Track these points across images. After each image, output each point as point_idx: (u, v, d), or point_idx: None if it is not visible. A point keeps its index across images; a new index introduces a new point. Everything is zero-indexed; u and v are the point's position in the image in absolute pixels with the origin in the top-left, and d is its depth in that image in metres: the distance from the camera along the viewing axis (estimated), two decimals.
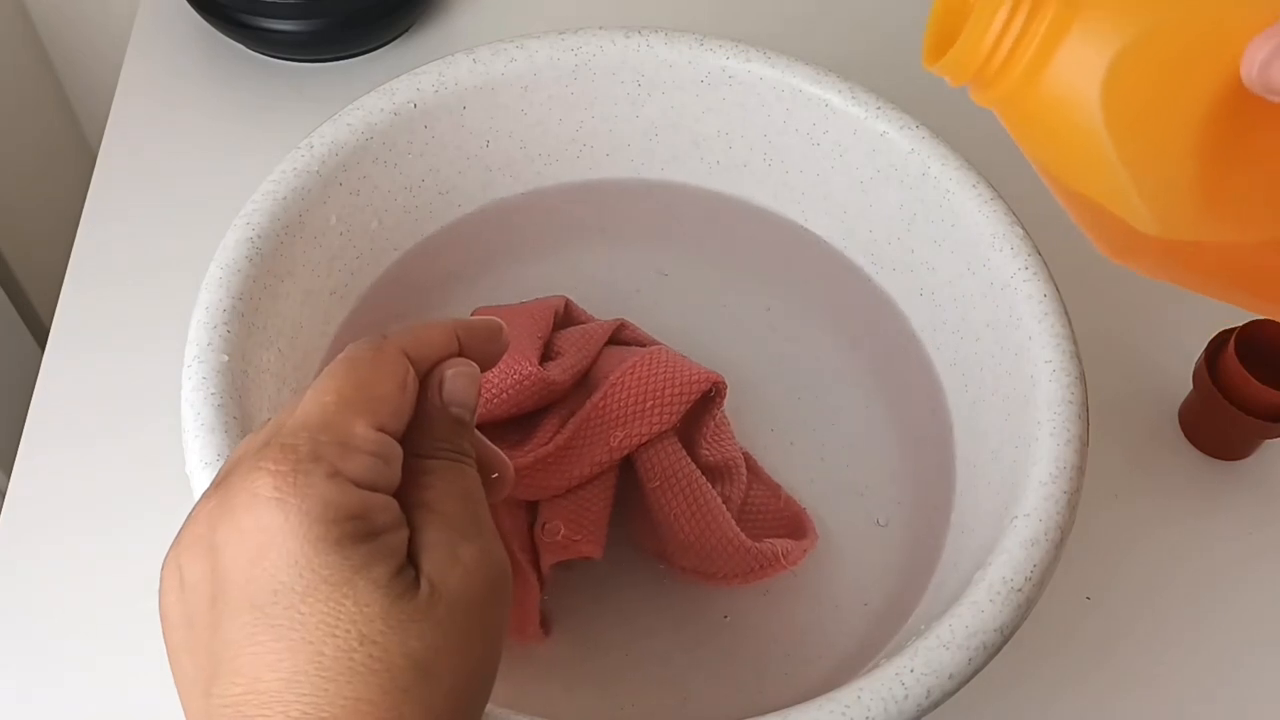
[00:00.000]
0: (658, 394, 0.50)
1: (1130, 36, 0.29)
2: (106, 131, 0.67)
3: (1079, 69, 0.29)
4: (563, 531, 0.48)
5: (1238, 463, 0.58)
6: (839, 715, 0.39)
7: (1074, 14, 0.29)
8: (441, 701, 0.31)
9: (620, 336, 0.54)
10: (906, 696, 0.40)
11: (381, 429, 0.33)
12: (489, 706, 0.36)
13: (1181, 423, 0.59)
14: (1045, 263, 0.50)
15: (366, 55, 0.70)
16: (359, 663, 0.30)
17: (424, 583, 0.31)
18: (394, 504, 0.32)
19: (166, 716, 0.35)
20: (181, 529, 0.33)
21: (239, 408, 0.44)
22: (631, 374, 0.50)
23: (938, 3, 0.33)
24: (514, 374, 0.49)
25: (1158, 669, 0.53)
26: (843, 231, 0.58)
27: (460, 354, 0.36)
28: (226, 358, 0.45)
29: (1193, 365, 0.57)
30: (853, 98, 0.54)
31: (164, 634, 0.33)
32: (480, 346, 0.37)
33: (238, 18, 0.66)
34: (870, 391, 0.56)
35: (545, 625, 0.48)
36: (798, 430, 0.54)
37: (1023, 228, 0.51)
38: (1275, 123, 0.29)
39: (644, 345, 0.53)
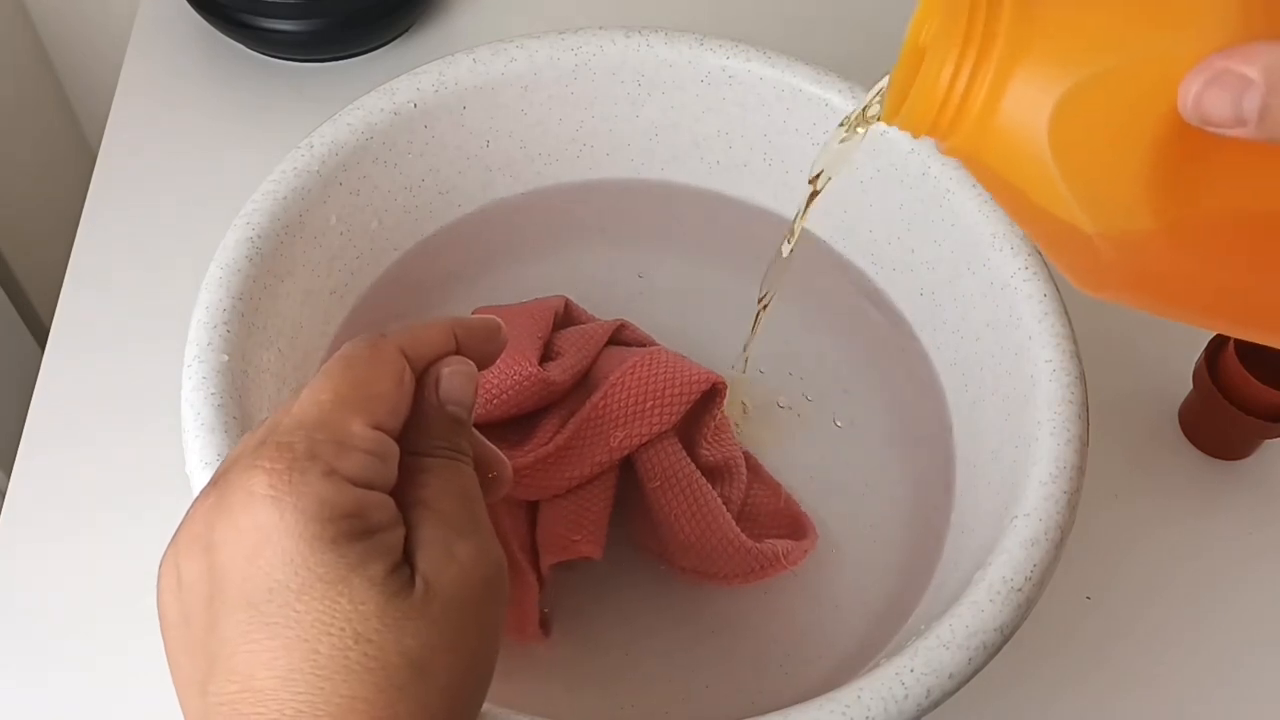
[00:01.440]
0: (658, 394, 0.50)
1: (1073, 80, 0.30)
2: (106, 131, 0.67)
3: (1026, 115, 0.30)
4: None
5: (1238, 463, 0.58)
6: (839, 715, 0.39)
7: (1016, 64, 0.30)
8: (437, 699, 0.31)
9: (620, 337, 0.54)
10: (906, 696, 0.40)
11: (378, 427, 0.33)
12: (488, 706, 0.36)
13: (1181, 423, 0.59)
14: (1045, 262, 0.50)
15: (366, 55, 0.70)
16: (354, 661, 0.30)
17: (419, 580, 0.31)
18: (390, 502, 0.32)
19: (165, 715, 0.35)
20: (179, 528, 0.33)
21: (239, 408, 0.44)
22: (631, 374, 0.50)
23: (899, 62, 0.34)
24: (514, 374, 0.49)
25: (1158, 669, 0.53)
26: (843, 231, 0.58)
27: (458, 353, 0.36)
28: (226, 358, 0.45)
29: (1193, 365, 0.57)
30: (853, 98, 0.54)
31: (162, 632, 0.33)
32: (478, 345, 0.37)
33: (238, 18, 0.66)
34: (870, 391, 0.56)
35: (545, 625, 0.48)
36: (797, 430, 0.54)
37: None
38: (1221, 153, 0.30)
39: (644, 345, 0.53)
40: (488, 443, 0.40)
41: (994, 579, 0.42)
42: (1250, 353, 0.55)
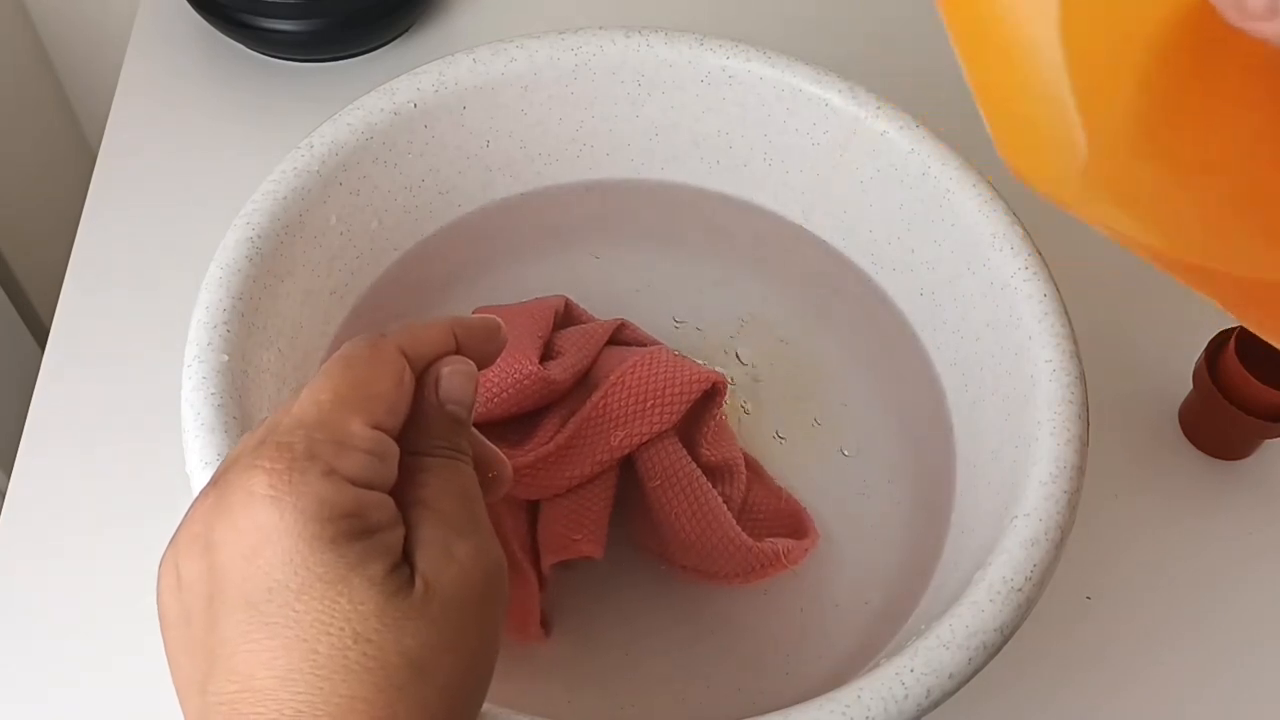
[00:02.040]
0: (658, 393, 0.50)
1: None
2: (106, 131, 0.67)
3: None
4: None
5: (1238, 463, 0.58)
6: (839, 715, 0.39)
7: None
8: (436, 699, 0.31)
9: (620, 336, 0.54)
10: (906, 696, 0.40)
11: (377, 427, 0.33)
12: (488, 706, 0.36)
13: (1181, 423, 0.59)
14: (1045, 262, 0.50)
15: (366, 55, 0.70)
16: (353, 661, 0.30)
17: (419, 580, 0.31)
18: (389, 502, 0.32)
19: (166, 716, 0.35)
20: (179, 527, 0.33)
21: (239, 408, 0.44)
22: (632, 374, 0.50)
23: None
24: (515, 373, 0.49)
25: (1158, 669, 0.53)
26: (843, 231, 0.58)
27: (457, 352, 0.36)
28: (226, 358, 0.45)
29: (1193, 365, 0.57)
30: (853, 98, 0.54)
31: (162, 632, 0.33)
32: (478, 345, 0.37)
33: (238, 18, 0.66)
34: (870, 391, 0.56)
35: (545, 625, 0.48)
36: (798, 430, 0.54)
37: (1023, 227, 0.51)
38: (1227, 71, 0.28)
39: (644, 345, 0.53)
40: (487, 442, 0.40)
41: (994, 579, 0.42)
42: (1250, 353, 0.55)
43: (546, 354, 0.52)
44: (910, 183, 0.53)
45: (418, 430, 0.35)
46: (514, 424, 0.51)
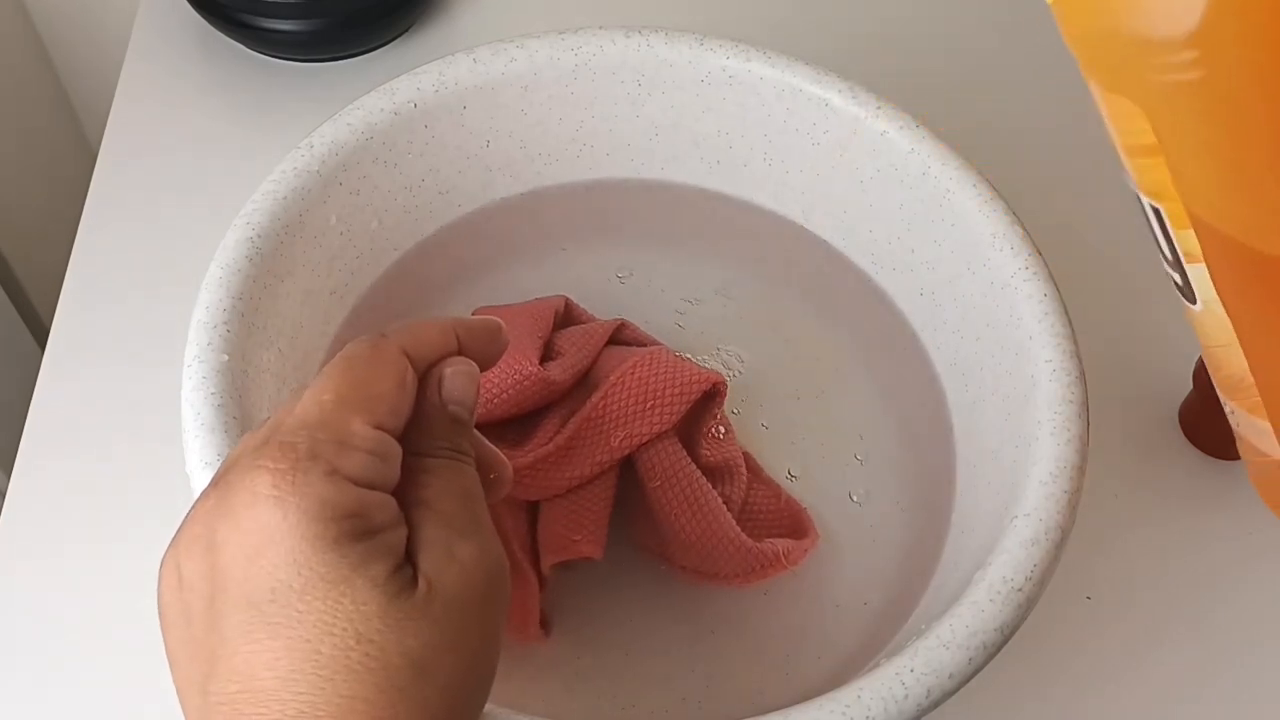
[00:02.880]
0: (658, 394, 0.50)
1: None
2: (106, 131, 0.67)
3: None
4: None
5: (1238, 463, 0.58)
6: (839, 715, 0.39)
7: None
8: (438, 699, 0.31)
9: (620, 336, 0.54)
10: (906, 696, 0.40)
11: (379, 427, 0.33)
12: (489, 706, 0.36)
13: (1181, 423, 0.59)
14: (1045, 262, 0.50)
15: (366, 55, 0.70)
16: (355, 661, 0.30)
17: (421, 581, 0.32)
18: (392, 502, 0.32)
19: (166, 716, 0.35)
20: (180, 527, 0.33)
21: (239, 408, 0.44)
22: (632, 374, 0.50)
23: None
24: (514, 373, 0.49)
25: (1157, 669, 0.53)
26: (843, 231, 0.58)
27: (459, 353, 0.37)
28: (226, 357, 0.45)
29: (1192, 365, 0.57)
30: (853, 98, 0.54)
31: (162, 632, 0.33)
32: (479, 346, 0.37)
33: (238, 18, 0.66)
34: (870, 391, 0.56)
35: (545, 625, 0.48)
36: (798, 430, 0.54)
37: (1023, 227, 0.51)
38: None
39: (644, 345, 0.53)
40: (488, 443, 0.40)
41: (994, 579, 0.42)
42: None
43: (546, 354, 0.52)
44: (910, 183, 0.53)
45: (420, 431, 0.35)
46: (514, 424, 0.51)
